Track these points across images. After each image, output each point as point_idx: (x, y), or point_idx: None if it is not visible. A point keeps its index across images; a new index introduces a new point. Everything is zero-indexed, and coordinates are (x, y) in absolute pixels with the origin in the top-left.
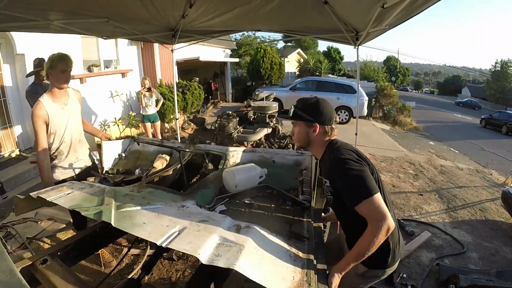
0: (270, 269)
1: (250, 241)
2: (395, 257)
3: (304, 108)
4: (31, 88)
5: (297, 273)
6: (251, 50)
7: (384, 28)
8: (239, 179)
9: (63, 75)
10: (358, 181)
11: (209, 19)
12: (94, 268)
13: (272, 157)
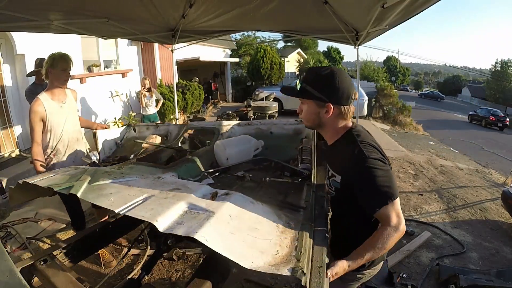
0: (246, 241)
1: (225, 209)
2: (375, 260)
3: (315, 83)
4: (31, 88)
5: (283, 247)
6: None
7: (384, 28)
8: (231, 152)
9: (63, 73)
10: (384, 184)
11: (209, 19)
12: (94, 268)
13: (269, 128)
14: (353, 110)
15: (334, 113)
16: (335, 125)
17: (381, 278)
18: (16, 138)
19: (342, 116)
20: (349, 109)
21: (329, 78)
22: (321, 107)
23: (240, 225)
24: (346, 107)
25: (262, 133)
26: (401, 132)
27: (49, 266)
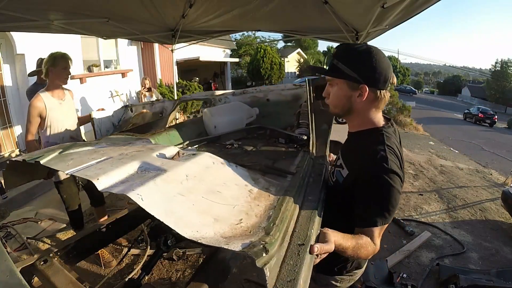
0: (199, 205)
1: (182, 168)
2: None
3: (349, 60)
4: (33, 87)
5: (251, 216)
6: (251, 50)
7: (384, 28)
8: (219, 120)
9: (64, 72)
10: (390, 205)
11: (209, 19)
12: (94, 268)
13: (266, 95)
14: (388, 97)
15: (369, 97)
16: (366, 114)
17: (381, 278)
18: (16, 138)
19: (377, 103)
20: (385, 95)
21: (365, 55)
22: (354, 89)
23: (197, 187)
24: (383, 92)
25: (258, 101)
26: (401, 132)
27: (49, 266)
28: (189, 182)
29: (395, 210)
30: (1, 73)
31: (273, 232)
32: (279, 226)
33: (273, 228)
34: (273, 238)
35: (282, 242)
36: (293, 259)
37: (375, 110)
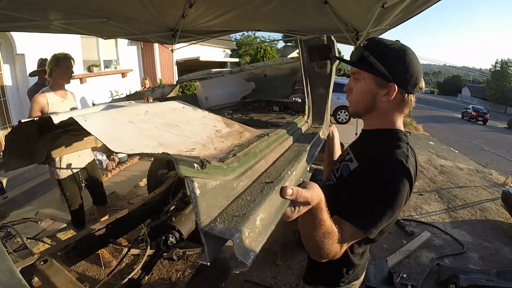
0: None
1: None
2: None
3: (381, 54)
4: (34, 88)
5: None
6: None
7: (384, 28)
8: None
9: (67, 71)
10: (388, 209)
11: (209, 19)
12: (94, 268)
13: (263, 71)
14: (413, 102)
15: (396, 98)
16: (389, 115)
17: (381, 278)
18: None
19: (402, 106)
20: (411, 99)
21: (400, 53)
22: (381, 86)
23: (154, 120)
24: (410, 96)
25: (256, 77)
26: None
27: (49, 266)
28: (147, 116)
29: (389, 220)
30: (1, 73)
31: (229, 161)
32: (239, 158)
33: (229, 158)
34: (225, 165)
35: (241, 175)
36: (252, 195)
37: (399, 114)
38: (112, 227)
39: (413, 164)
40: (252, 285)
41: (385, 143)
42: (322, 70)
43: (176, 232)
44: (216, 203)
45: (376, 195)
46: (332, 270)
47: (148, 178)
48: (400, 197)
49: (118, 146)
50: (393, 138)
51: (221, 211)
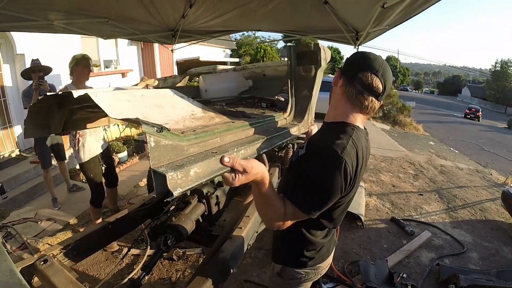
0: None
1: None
2: (313, 261)
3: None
4: (28, 89)
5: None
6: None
7: (384, 28)
8: (209, 85)
9: (86, 70)
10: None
11: (209, 19)
12: (94, 268)
13: (263, 70)
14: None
15: (345, 93)
16: (337, 109)
17: (381, 278)
18: (16, 138)
19: (347, 98)
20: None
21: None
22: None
23: (145, 101)
24: (353, 90)
25: (256, 75)
26: (401, 132)
27: (49, 266)
28: (141, 97)
29: (326, 202)
30: (1, 73)
31: (187, 133)
32: (197, 133)
33: (189, 132)
34: (182, 135)
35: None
36: (196, 157)
37: (351, 109)
38: (112, 227)
39: (351, 155)
40: (252, 285)
41: (330, 134)
42: (307, 74)
43: (176, 232)
44: (166, 155)
45: (311, 179)
46: (291, 250)
47: (148, 178)
48: (333, 183)
49: (114, 114)
50: (339, 131)
51: (169, 162)
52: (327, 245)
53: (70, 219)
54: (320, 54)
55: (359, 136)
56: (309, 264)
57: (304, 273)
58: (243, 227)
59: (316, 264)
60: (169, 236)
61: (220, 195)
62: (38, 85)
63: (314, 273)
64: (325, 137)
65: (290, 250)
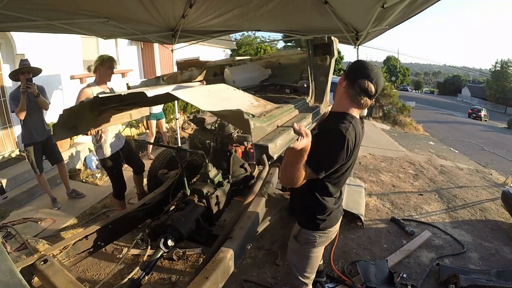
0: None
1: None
2: (324, 224)
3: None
4: (15, 92)
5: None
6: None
7: (384, 28)
8: (236, 76)
9: (109, 70)
10: (327, 157)
11: (209, 19)
12: (94, 268)
13: (278, 60)
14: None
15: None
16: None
17: (381, 278)
18: (16, 138)
19: (348, 97)
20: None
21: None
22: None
23: (214, 95)
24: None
25: (271, 64)
26: (401, 132)
27: (49, 266)
28: (209, 92)
29: (331, 166)
30: (1, 73)
31: (262, 118)
32: (267, 117)
33: (263, 116)
34: (262, 119)
35: (268, 125)
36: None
37: (350, 104)
38: (112, 227)
39: (352, 135)
40: (252, 285)
41: (336, 120)
42: (323, 63)
43: (176, 232)
44: (258, 134)
45: (322, 150)
46: (308, 214)
47: (148, 178)
48: (339, 152)
49: (206, 107)
50: (343, 118)
51: (260, 138)
52: (335, 212)
53: (70, 219)
54: (333, 45)
55: (357, 123)
56: (321, 227)
57: (317, 236)
58: (243, 227)
59: (327, 228)
60: (169, 236)
61: (220, 195)
62: (26, 88)
63: (325, 237)
64: (333, 122)
65: (307, 214)
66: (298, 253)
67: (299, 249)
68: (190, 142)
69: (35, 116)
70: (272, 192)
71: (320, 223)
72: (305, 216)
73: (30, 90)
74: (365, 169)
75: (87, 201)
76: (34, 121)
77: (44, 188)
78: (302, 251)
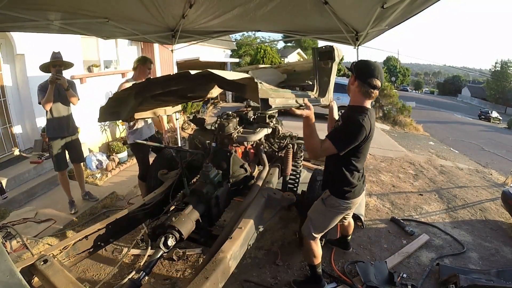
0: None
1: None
2: (350, 194)
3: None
4: (44, 84)
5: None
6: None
7: (384, 28)
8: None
9: (147, 71)
10: (348, 137)
11: (209, 19)
12: (94, 268)
13: (293, 68)
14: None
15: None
16: (354, 96)
17: (381, 278)
18: (16, 138)
19: (361, 93)
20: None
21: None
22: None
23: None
24: (371, 90)
25: (288, 71)
26: (401, 132)
27: (49, 266)
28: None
29: (350, 145)
30: (1, 73)
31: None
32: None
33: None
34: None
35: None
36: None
37: (364, 98)
38: (112, 227)
39: (367, 123)
40: (252, 285)
41: (355, 113)
42: (326, 66)
43: (176, 232)
44: (264, 94)
45: (344, 131)
46: (337, 184)
47: (148, 179)
48: (356, 134)
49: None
50: (359, 111)
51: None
52: (358, 187)
53: (70, 219)
54: (334, 52)
55: (371, 114)
56: (347, 197)
57: (342, 203)
58: (243, 227)
59: (350, 199)
60: (169, 236)
61: (220, 195)
62: (55, 79)
63: (347, 206)
64: (352, 114)
65: (337, 185)
66: (320, 213)
67: (323, 210)
68: (190, 142)
69: (62, 110)
70: (272, 192)
71: (346, 193)
72: (335, 186)
73: (59, 81)
74: (365, 169)
75: (87, 201)
76: (61, 115)
77: (65, 188)
78: (326, 212)
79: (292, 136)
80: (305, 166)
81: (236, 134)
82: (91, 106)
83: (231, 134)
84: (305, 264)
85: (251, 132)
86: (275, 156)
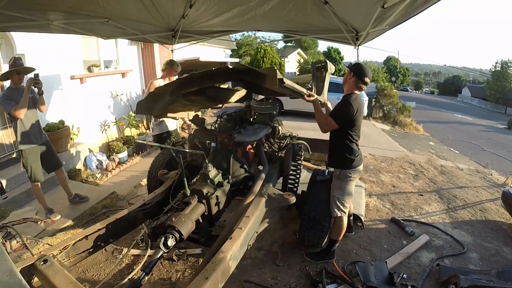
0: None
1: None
2: (355, 162)
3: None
4: (7, 93)
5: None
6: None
7: (384, 28)
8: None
9: (175, 73)
10: (341, 112)
11: (209, 19)
12: (94, 268)
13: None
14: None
15: (353, 82)
16: (349, 87)
17: (381, 279)
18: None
19: (355, 85)
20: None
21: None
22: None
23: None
24: (359, 83)
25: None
26: (401, 133)
27: (49, 266)
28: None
29: (345, 119)
30: (1, 73)
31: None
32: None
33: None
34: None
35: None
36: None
37: (355, 88)
38: (112, 227)
39: (355, 102)
40: (252, 285)
41: (347, 97)
42: (321, 75)
43: (176, 233)
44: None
45: (339, 109)
46: (342, 156)
47: (148, 179)
48: (347, 110)
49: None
50: (350, 96)
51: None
52: (359, 156)
53: (70, 219)
54: (327, 65)
55: (357, 97)
56: (353, 165)
57: (352, 172)
58: (243, 227)
59: (356, 166)
60: (169, 236)
61: (220, 195)
62: (36, 83)
63: (356, 174)
64: (345, 98)
65: (343, 158)
66: (340, 187)
67: (341, 184)
68: (190, 142)
69: (32, 117)
70: (272, 192)
71: (352, 162)
72: (341, 160)
73: (39, 85)
74: (365, 170)
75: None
76: (32, 122)
77: (39, 199)
78: (343, 185)
79: (292, 136)
80: (305, 166)
81: (236, 134)
82: (91, 106)
83: (231, 134)
84: (305, 265)
85: (251, 132)
86: (275, 156)
